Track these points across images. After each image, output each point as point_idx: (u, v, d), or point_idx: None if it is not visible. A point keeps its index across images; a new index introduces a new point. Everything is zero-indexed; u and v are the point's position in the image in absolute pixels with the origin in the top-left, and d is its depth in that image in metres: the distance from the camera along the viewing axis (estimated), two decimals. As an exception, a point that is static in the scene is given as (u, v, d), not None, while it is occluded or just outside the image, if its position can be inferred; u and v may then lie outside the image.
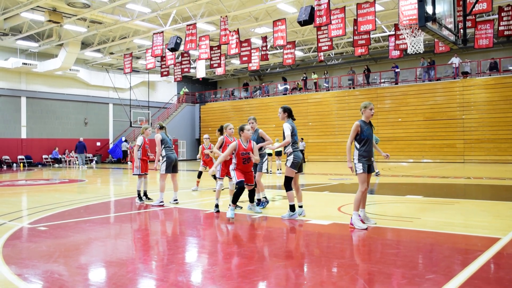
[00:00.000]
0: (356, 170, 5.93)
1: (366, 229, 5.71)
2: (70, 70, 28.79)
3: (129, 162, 29.70)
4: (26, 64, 26.76)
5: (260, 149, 7.43)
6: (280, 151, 18.48)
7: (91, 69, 32.47)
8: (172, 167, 8.48)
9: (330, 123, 29.36)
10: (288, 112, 6.80)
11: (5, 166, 26.95)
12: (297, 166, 6.64)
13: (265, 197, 7.95)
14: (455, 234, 5.63)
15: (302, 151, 24.45)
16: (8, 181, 16.03)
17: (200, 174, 11.49)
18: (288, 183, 6.58)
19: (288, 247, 5.20)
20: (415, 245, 5.01)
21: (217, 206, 7.44)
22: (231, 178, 7.41)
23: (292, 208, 6.65)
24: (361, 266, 4.17)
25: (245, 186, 6.70)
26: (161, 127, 8.62)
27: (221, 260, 4.41)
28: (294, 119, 6.87)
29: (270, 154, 18.26)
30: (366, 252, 4.85)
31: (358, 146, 5.98)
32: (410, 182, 13.04)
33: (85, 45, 27.82)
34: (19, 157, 27.97)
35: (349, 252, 4.81)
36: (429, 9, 7.45)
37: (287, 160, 6.68)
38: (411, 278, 3.71)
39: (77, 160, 27.21)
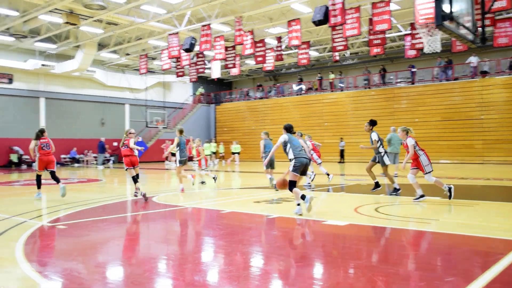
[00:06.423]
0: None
1: None
2: (87, 71, 29.18)
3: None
4: (44, 65, 27.23)
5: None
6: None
7: (107, 70, 32.88)
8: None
9: (345, 123, 29.15)
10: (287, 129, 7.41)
11: (25, 166, 27.48)
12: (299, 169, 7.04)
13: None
14: (474, 236, 5.53)
15: (342, 151, 24.63)
16: (28, 180, 16.34)
17: None
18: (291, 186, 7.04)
19: (304, 247, 5.18)
20: (433, 247, 4.94)
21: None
22: None
23: (298, 204, 7.05)
24: (378, 267, 4.13)
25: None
26: (181, 132, 10.63)
27: (236, 260, 4.42)
28: (293, 133, 7.57)
29: (214, 153, 17.45)
30: (384, 253, 4.80)
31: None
32: (428, 183, 12.81)
33: (101, 46, 28.19)
34: (38, 156, 28.41)
35: (366, 253, 4.76)
36: (446, 7, 7.31)
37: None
38: (430, 281, 3.66)
39: (96, 160, 27.48)
